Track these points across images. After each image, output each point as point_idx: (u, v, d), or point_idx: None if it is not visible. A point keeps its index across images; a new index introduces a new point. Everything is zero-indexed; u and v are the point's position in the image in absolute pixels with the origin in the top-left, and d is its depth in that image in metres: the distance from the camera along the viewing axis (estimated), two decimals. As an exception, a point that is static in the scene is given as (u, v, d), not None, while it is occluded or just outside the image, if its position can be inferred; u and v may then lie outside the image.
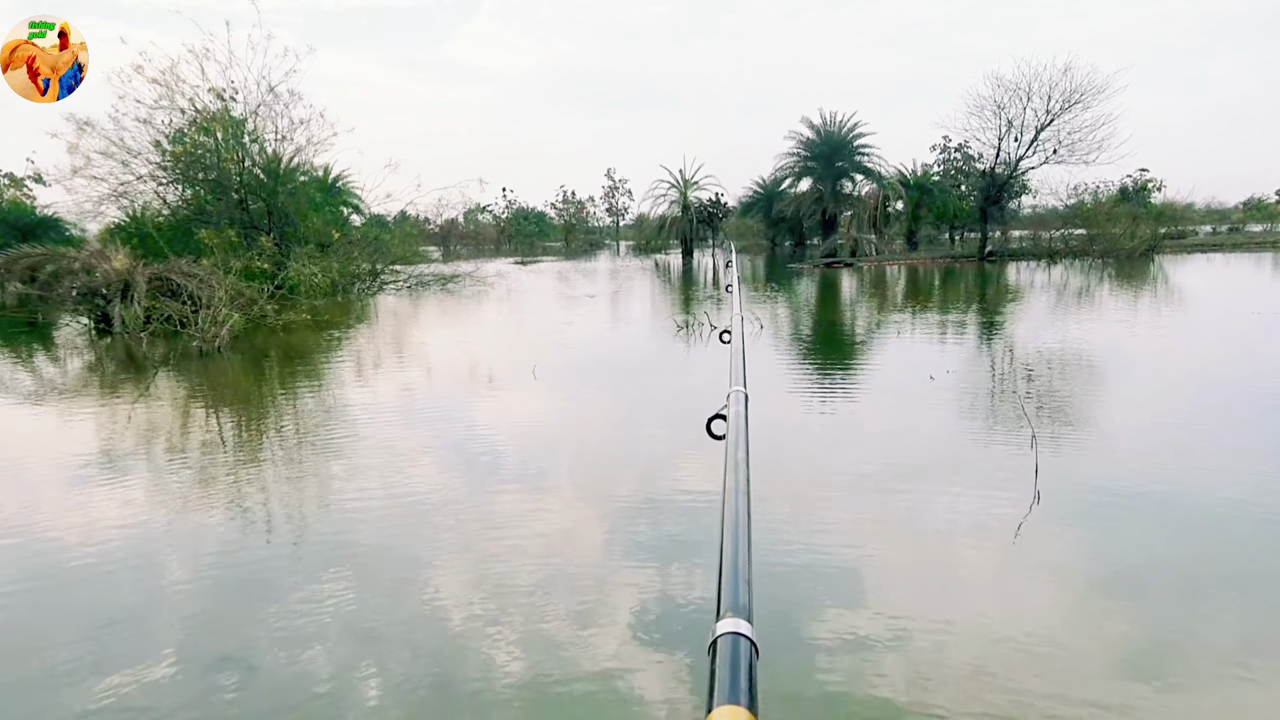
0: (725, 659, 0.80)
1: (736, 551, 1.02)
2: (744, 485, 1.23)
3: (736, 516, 1.12)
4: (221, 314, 13.27)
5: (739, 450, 1.39)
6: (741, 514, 1.13)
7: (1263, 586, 4.02)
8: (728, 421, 1.58)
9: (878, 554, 4.50)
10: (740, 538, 1.05)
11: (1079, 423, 7.43)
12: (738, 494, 1.20)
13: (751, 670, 0.79)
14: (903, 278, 28.14)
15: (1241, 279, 24.68)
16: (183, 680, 3.34)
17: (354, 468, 6.39)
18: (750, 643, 0.82)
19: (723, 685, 0.76)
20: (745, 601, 0.91)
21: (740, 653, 0.81)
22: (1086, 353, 11.38)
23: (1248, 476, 5.65)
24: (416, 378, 10.81)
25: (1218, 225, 54.63)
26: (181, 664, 3.47)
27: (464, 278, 28.10)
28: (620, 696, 3.15)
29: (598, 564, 4.46)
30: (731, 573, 0.97)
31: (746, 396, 1.71)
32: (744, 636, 0.83)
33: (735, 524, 1.09)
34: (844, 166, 46.21)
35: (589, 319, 17.21)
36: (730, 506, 1.15)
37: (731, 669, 0.79)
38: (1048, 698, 3.04)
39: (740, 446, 1.42)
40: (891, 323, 15.69)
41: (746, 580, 0.95)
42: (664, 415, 8.15)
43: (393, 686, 3.26)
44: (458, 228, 62.23)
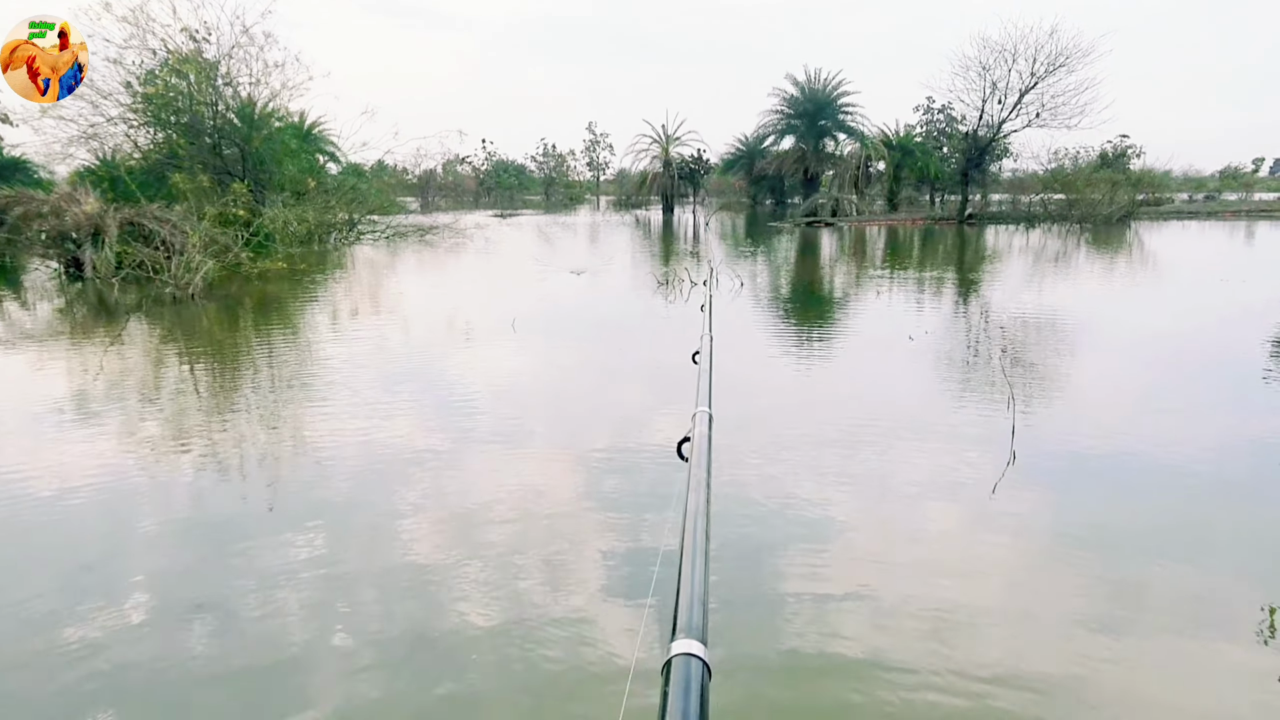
0: (679, 680, 0.80)
1: (694, 573, 1.02)
2: (704, 507, 1.23)
3: (695, 539, 1.12)
4: (195, 260, 13.06)
5: (701, 471, 1.39)
6: (700, 536, 1.13)
7: (1218, 548, 4.12)
8: (692, 443, 1.55)
9: (845, 510, 4.57)
10: (698, 560, 1.05)
11: (1051, 385, 7.53)
12: (698, 516, 1.20)
13: (704, 692, 0.80)
14: (882, 238, 28.18)
15: (1213, 247, 24.93)
16: (156, 627, 3.35)
17: (329, 418, 6.35)
18: (703, 664, 0.82)
19: (675, 706, 0.77)
20: (700, 623, 0.90)
21: (693, 674, 0.81)
22: (1061, 317, 11.49)
23: (1211, 441, 5.76)
24: (393, 329, 10.74)
25: (1194, 193, 55.06)
26: (154, 611, 3.47)
27: (442, 229, 27.81)
28: (589, 644, 3.19)
29: (571, 515, 4.49)
30: (689, 594, 0.97)
31: (711, 417, 1.69)
32: (697, 658, 0.83)
33: (694, 546, 1.09)
34: (827, 125, 46.00)
35: (572, 277, 17.12)
36: (690, 528, 1.15)
37: (684, 691, 0.79)
38: (1006, 655, 3.12)
39: (702, 468, 1.41)
40: (871, 283, 15.74)
41: (703, 602, 0.95)
42: (641, 369, 8.16)
43: (367, 634, 3.28)
44: (436, 179, 61.42)
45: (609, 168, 73.60)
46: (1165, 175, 51.45)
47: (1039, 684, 2.92)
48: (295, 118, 29.87)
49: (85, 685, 2.94)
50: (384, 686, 2.94)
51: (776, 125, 48.47)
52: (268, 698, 2.91)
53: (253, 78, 21.65)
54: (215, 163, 20.75)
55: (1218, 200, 50.10)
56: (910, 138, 45.85)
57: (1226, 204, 46.12)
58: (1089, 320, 11.26)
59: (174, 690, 2.97)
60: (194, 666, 3.08)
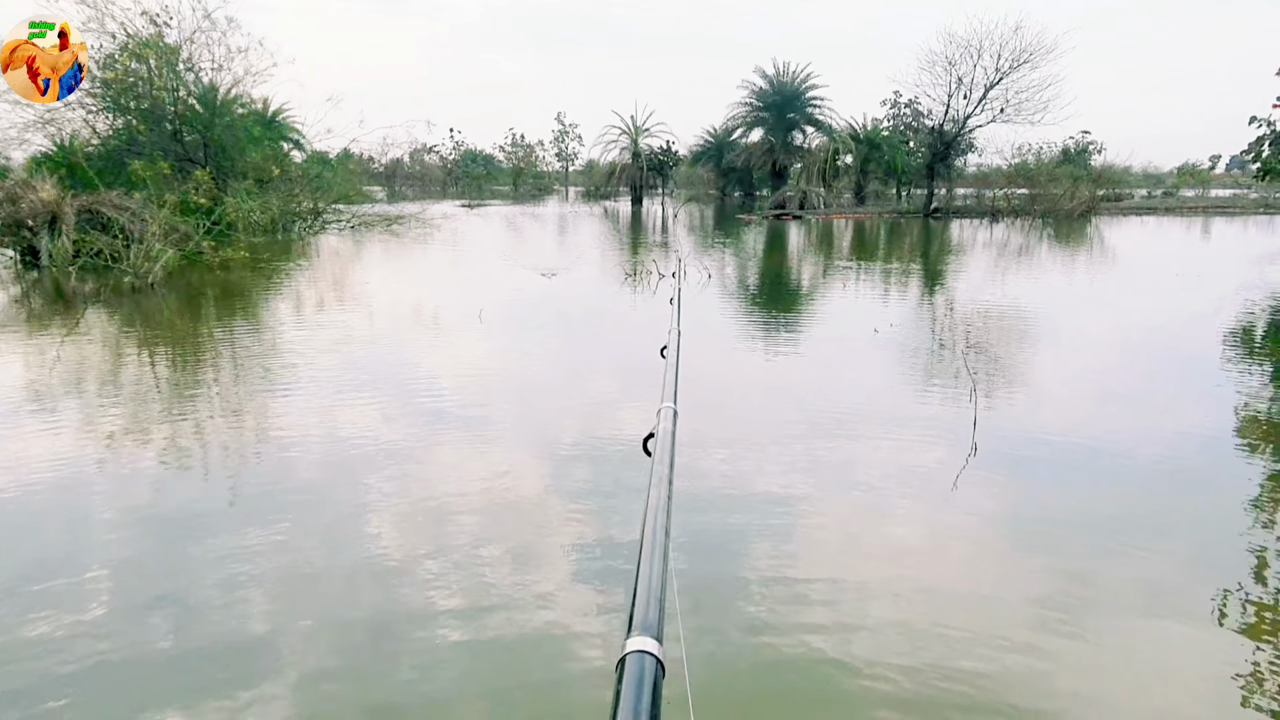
0: (632, 677, 0.80)
1: (652, 569, 1.01)
2: (664, 503, 1.22)
3: (655, 534, 1.11)
4: (155, 249, 12.83)
5: (663, 467, 1.38)
6: (660, 532, 1.13)
7: (1172, 536, 4.23)
8: (656, 439, 1.55)
9: (808, 501, 4.63)
10: (656, 556, 1.05)
11: (1013, 377, 7.67)
12: (659, 511, 1.19)
13: (656, 690, 0.80)
14: (849, 231, 28.40)
15: (1170, 242, 25.45)
16: (116, 620, 3.31)
17: (293, 410, 6.30)
18: (657, 662, 0.83)
19: (627, 704, 0.77)
20: (655, 620, 0.90)
21: (646, 670, 0.81)
22: (1023, 310, 11.69)
23: (1167, 433, 5.91)
24: (358, 320, 10.64)
25: (1153, 189, 56.03)
26: (115, 604, 3.43)
27: (409, 219, 27.55)
28: (556, 633, 3.21)
29: (538, 505, 4.51)
30: (646, 590, 0.97)
31: (676, 413, 1.69)
32: (651, 655, 0.83)
33: (653, 541, 1.09)
34: (795, 118, 46.20)
35: (541, 265, 17.04)
36: (650, 524, 1.15)
37: (637, 688, 0.79)
38: (966, 641, 3.19)
39: (664, 464, 1.40)
40: (837, 275, 15.86)
41: (659, 599, 0.95)
42: (609, 360, 8.17)
43: (331, 627, 3.27)
44: (403, 168, 60.75)
45: (578, 158, 73.27)
46: (1125, 171, 52.30)
47: (1000, 671, 2.99)
48: (259, 104, 29.44)
49: (45, 676, 2.91)
50: (343, 677, 2.94)
51: (745, 118, 48.62)
52: (229, 689, 2.89)
53: (215, 63, 21.27)
54: (176, 149, 20.34)
55: (1175, 196, 51.05)
56: (877, 131, 46.10)
57: (1184, 200, 47.05)
58: (1050, 313, 11.46)
59: (133, 683, 2.94)
60: (154, 659, 3.05)
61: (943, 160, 37.65)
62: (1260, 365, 8.06)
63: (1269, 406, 6.71)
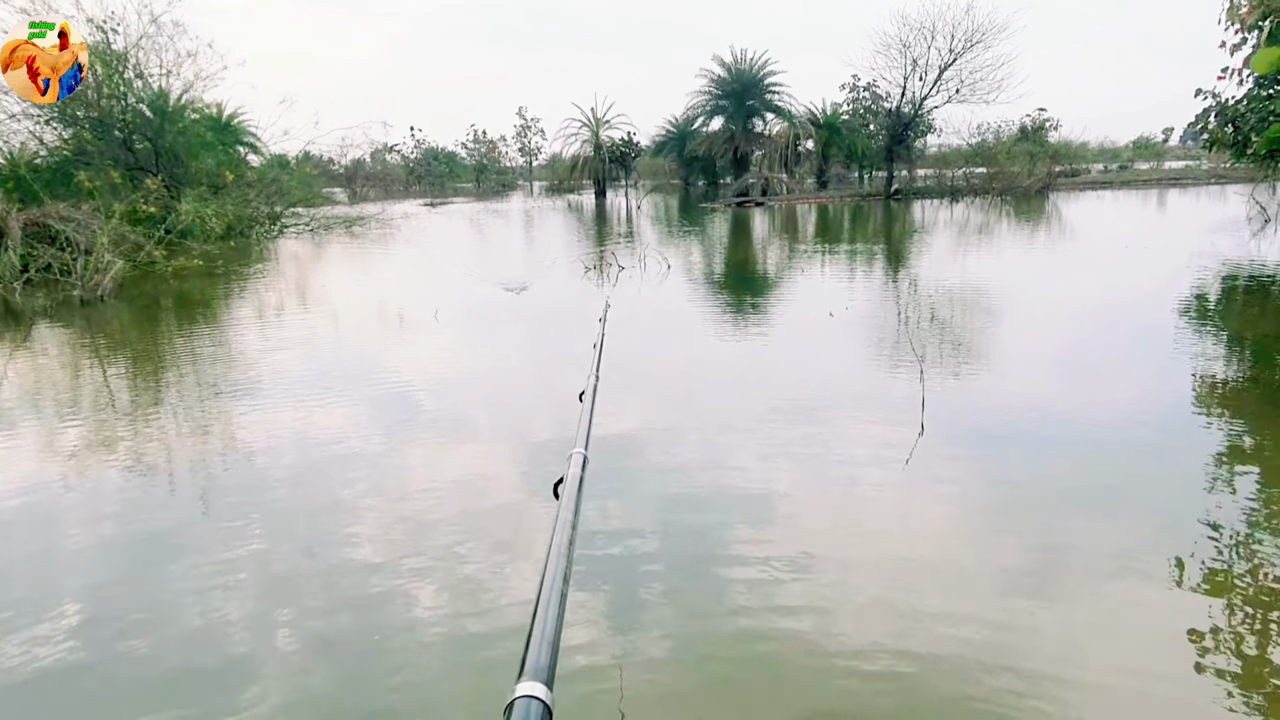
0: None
1: (547, 614, 1.03)
2: (565, 549, 1.23)
3: (554, 580, 1.12)
4: (104, 260, 12.62)
5: (568, 513, 1.39)
6: (558, 578, 1.14)
7: (1138, 501, 4.32)
8: (564, 483, 1.55)
9: (770, 481, 4.68)
10: (554, 601, 1.06)
11: (971, 353, 7.77)
12: (559, 557, 1.20)
13: None
14: (812, 216, 28.55)
15: (1125, 215, 25.86)
16: (91, 642, 3.26)
17: (257, 418, 6.23)
18: (544, 707, 0.84)
19: None
20: (546, 664, 0.92)
21: (532, 715, 0.83)
22: (978, 288, 11.83)
23: (1122, 403, 6.02)
24: (319, 324, 10.55)
25: (1109, 163, 56.85)
26: (89, 626, 3.38)
27: (369, 220, 27.33)
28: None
29: (514, 503, 4.51)
30: (540, 635, 0.98)
31: (586, 459, 1.70)
32: (539, 700, 0.85)
33: (552, 586, 1.10)
34: (755, 105, 46.29)
35: (500, 264, 16.98)
36: (551, 569, 1.16)
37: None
38: (935, 617, 3.25)
39: (569, 509, 1.41)
40: (797, 260, 15.95)
41: (552, 644, 0.96)
42: (573, 354, 8.17)
43: (310, 635, 3.25)
44: (364, 168, 60.15)
45: (541, 152, 72.78)
46: (1082, 147, 52.99)
47: (973, 640, 3.05)
48: (212, 109, 29.01)
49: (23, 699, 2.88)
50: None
51: (705, 106, 48.64)
52: (207, 697, 2.88)
53: (163, 68, 20.95)
54: (127, 158, 20.04)
55: (1130, 170, 51.85)
56: (837, 116, 46.34)
57: (1139, 173, 47.80)
58: (1008, 289, 11.61)
59: (114, 703, 2.92)
60: (132, 679, 3.02)
61: (901, 142, 37.96)
62: (1214, 333, 8.23)
63: (1224, 372, 6.86)
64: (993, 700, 2.72)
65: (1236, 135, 17.78)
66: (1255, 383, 6.55)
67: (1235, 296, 10.46)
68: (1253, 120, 16.70)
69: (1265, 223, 18.17)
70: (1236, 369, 7.04)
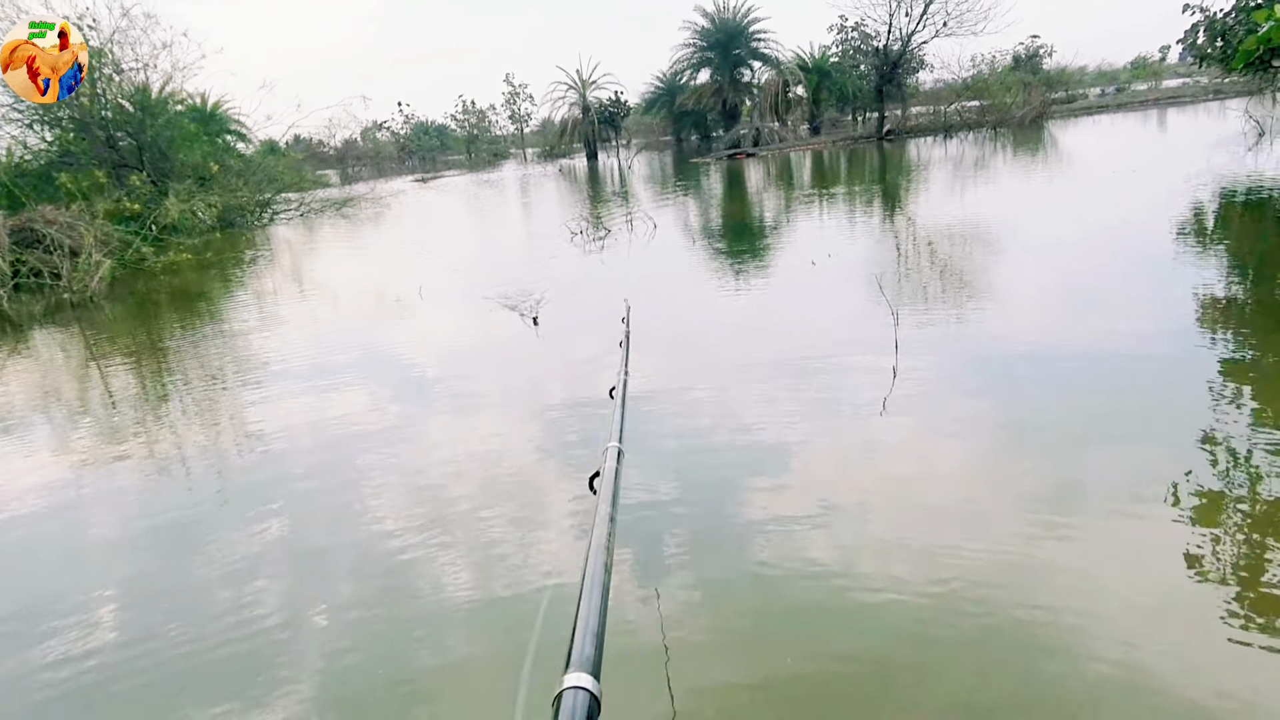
0: (567, 713, 0.83)
1: (591, 606, 1.04)
2: (604, 541, 1.25)
3: (596, 572, 1.14)
4: (93, 261, 12.62)
5: (606, 505, 1.40)
6: (599, 570, 1.15)
7: (1147, 429, 4.29)
8: (601, 477, 1.56)
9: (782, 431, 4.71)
10: (595, 593, 1.08)
11: (972, 289, 7.74)
12: (599, 550, 1.22)
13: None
14: (806, 163, 28.25)
15: (1120, 139, 25.46)
16: (130, 634, 3.32)
17: (265, 402, 6.26)
18: (593, 698, 0.85)
19: None
20: (592, 656, 0.93)
21: (579, 705, 0.84)
22: (973, 224, 11.72)
23: (1125, 331, 5.95)
24: (318, 309, 10.58)
25: (1107, 87, 55.95)
26: (125, 614, 3.46)
27: (359, 200, 27.22)
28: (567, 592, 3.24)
29: (534, 471, 4.55)
30: (584, 627, 0.99)
31: (621, 453, 1.69)
32: (587, 691, 0.86)
33: (593, 579, 1.12)
34: (741, 54, 45.68)
35: (492, 234, 16.90)
36: (592, 561, 1.17)
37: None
38: (950, 548, 3.30)
39: (607, 502, 1.42)
40: (790, 210, 15.82)
41: (597, 635, 0.98)
42: (578, 320, 8.16)
43: (342, 611, 3.31)
44: (355, 148, 59.82)
45: (531, 119, 72.03)
46: (1079, 71, 52.13)
47: (998, 570, 3.11)
48: (196, 99, 28.83)
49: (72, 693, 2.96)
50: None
51: (691, 59, 48.01)
52: (253, 683, 2.94)
53: (140, 61, 20.77)
54: (111, 156, 19.95)
55: (1128, 91, 51.01)
56: (826, 59, 45.67)
57: (1136, 94, 46.99)
58: (1001, 223, 11.51)
59: (158, 691, 2.99)
60: (175, 665, 3.08)
61: (891, 81, 37.37)
62: (1214, 253, 8.14)
63: (1226, 292, 6.79)
64: (1015, 634, 2.77)
65: (1225, 49, 17.44)
66: (1259, 306, 6.46)
67: (1233, 214, 10.32)
68: (1241, 33, 16.33)
69: (1260, 136, 17.87)
70: (1238, 288, 6.96)
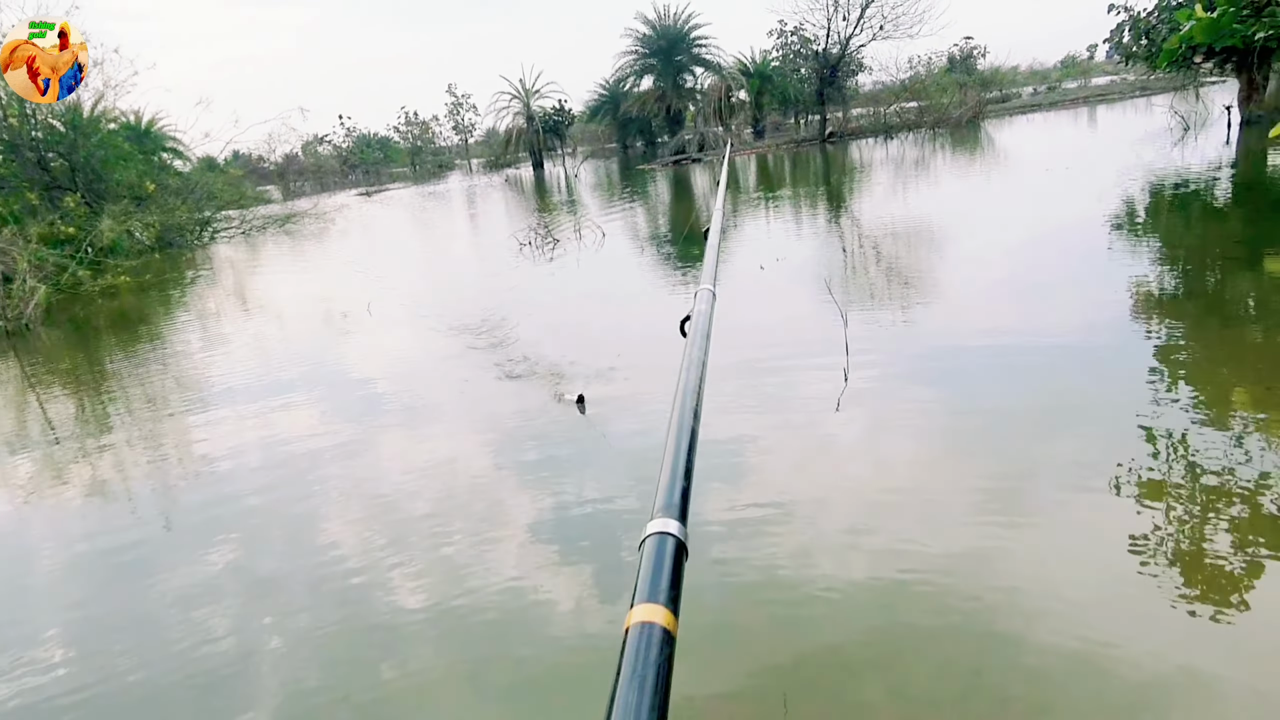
0: (650, 557, 0.81)
1: (678, 452, 1.02)
2: (695, 385, 1.21)
3: (683, 417, 1.11)
4: (26, 287, 12.27)
5: (695, 349, 1.35)
6: (688, 414, 1.12)
7: (1090, 419, 4.44)
8: (692, 321, 1.53)
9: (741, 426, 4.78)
10: (683, 439, 1.05)
11: (915, 287, 7.90)
12: (688, 394, 1.19)
13: (676, 570, 0.80)
14: (751, 166, 28.53)
15: (1053, 137, 26.17)
16: (74, 664, 3.25)
17: (215, 430, 6.13)
18: (678, 542, 0.83)
19: (645, 583, 0.78)
20: (678, 502, 0.91)
21: (666, 552, 0.82)
22: (912, 225, 11.97)
23: (1065, 325, 6.12)
24: (263, 327, 10.42)
25: (1039, 86, 57.41)
26: (69, 649, 3.38)
27: (302, 216, 26.82)
28: (528, 610, 3.24)
29: (488, 486, 4.54)
30: (670, 473, 0.97)
31: (714, 295, 1.65)
32: (672, 536, 0.84)
33: (680, 425, 1.09)
34: (683, 60, 45.99)
35: (435, 246, 16.77)
36: (679, 406, 1.14)
37: (655, 567, 0.80)
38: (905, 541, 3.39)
39: (697, 346, 1.37)
40: (738, 212, 15.98)
41: (683, 482, 0.96)
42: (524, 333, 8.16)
43: (300, 634, 3.28)
44: (297, 162, 58.88)
45: (475, 129, 71.45)
46: (1012, 71, 53.42)
47: (948, 562, 3.20)
48: (130, 117, 28.18)
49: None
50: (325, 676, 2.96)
51: (634, 66, 48.15)
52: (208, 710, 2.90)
53: (69, 81, 20.20)
54: (43, 178, 19.40)
55: (1059, 90, 52.40)
56: (767, 63, 46.12)
57: (1067, 93, 48.27)
58: (942, 222, 11.76)
59: None
60: (127, 704, 3.01)
61: (831, 84, 37.95)
62: (1146, 246, 8.42)
63: (1159, 284, 7.03)
64: (971, 624, 2.85)
65: (1150, 47, 18.09)
66: (1190, 294, 6.70)
67: (1161, 208, 10.68)
68: (1164, 31, 16.99)
69: (1185, 131, 18.53)
70: (1169, 280, 7.22)
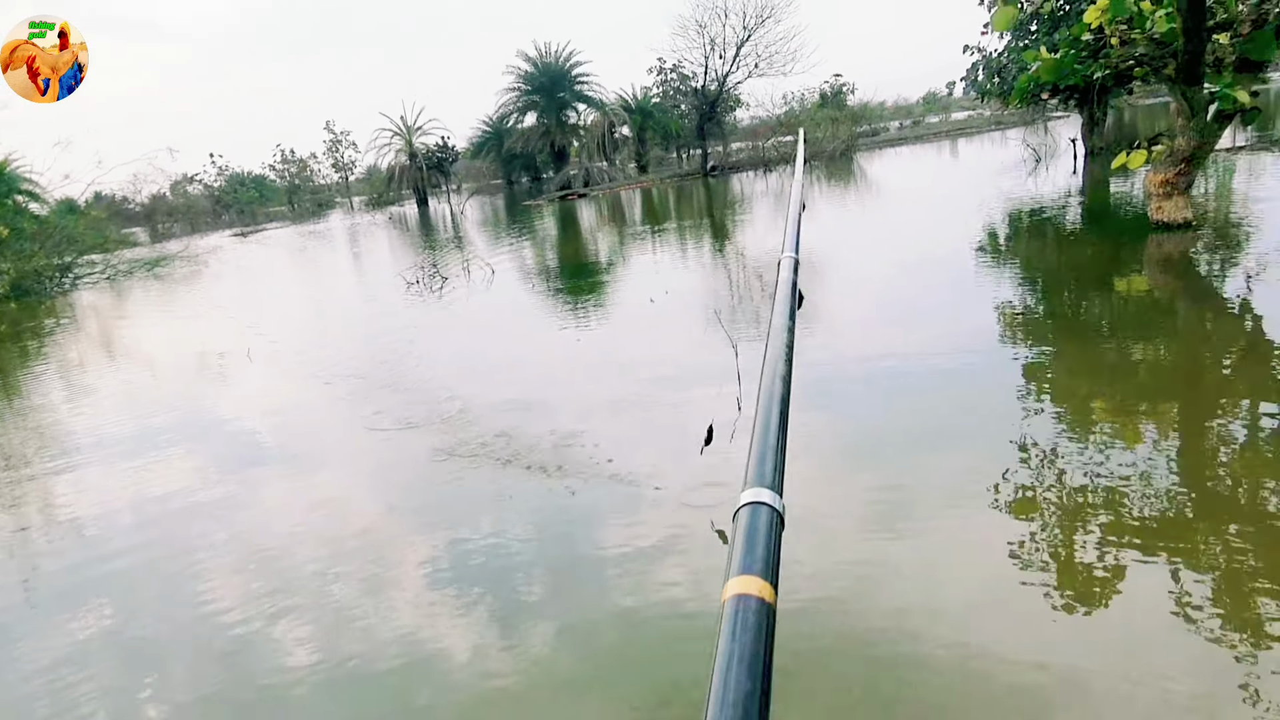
0: (743, 528, 0.79)
1: (770, 421, 0.99)
2: (782, 352, 1.17)
3: (773, 385, 1.08)
4: None
5: (781, 317, 1.30)
6: (777, 384, 1.08)
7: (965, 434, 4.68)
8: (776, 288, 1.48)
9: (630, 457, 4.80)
10: (774, 407, 1.02)
11: (800, 316, 8.14)
12: (777, 361, 1.15)
13: (770, 540, 0.78)
14: (636, 200, 29.00)
15: (917, 169, 27.69)
16: None
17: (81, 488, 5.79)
18: (773, 512, 0.81)
19: (739, 555, 0.75)
20: (770, 471, 0.88)
21: (759, 523, 0.79)
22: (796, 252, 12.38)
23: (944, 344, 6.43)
24: (131, 376, 9.88)
25: (904, 120, 60.57)
26: None
27: (172, 259, 25.66)
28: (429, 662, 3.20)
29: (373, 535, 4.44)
30: (762, 443, 0.94)
31: (796, 262, 1.61)
32: (765, 505, 0.82)
33: (770, 393, 1.06)
34: (565, 97, 46.50)
35: (320, 286, 16.33)
36: (769, 374, 1.11)
37: (749, 539, 0.78)
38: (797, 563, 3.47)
39: (783, 314, 1.33)
40: (624, 248, 16.19)
41: (775, 451, 0.93)
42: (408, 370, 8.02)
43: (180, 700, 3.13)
44: (165, 203, 56.23)
45: (356, 166, 69.91)
46: (880, 106, 56.20)
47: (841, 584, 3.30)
48: (-24, 160, 26.43)
49: None
50: None
51: (517, 102, 48.34)
52: None
53: (-96, 121, 18.86)
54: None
55: (923, 124, 55.41)
56: (648, 100, 47.07)
57: (930, 127, 51.11)
58: (821, 252, 12.22)
59: None
60: None
61: (711, 119, 39.07)
62: (1008, 269, 9.00)
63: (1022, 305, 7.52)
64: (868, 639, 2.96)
65: (1002, 85, 19.42)
66: (1050, 314, 7.21)
67: (1021, 233, 11.45)
68: (1014, 71, 18.25)
69: (1037, 162, 19.91)
70: (1031, 299, 7.76)
